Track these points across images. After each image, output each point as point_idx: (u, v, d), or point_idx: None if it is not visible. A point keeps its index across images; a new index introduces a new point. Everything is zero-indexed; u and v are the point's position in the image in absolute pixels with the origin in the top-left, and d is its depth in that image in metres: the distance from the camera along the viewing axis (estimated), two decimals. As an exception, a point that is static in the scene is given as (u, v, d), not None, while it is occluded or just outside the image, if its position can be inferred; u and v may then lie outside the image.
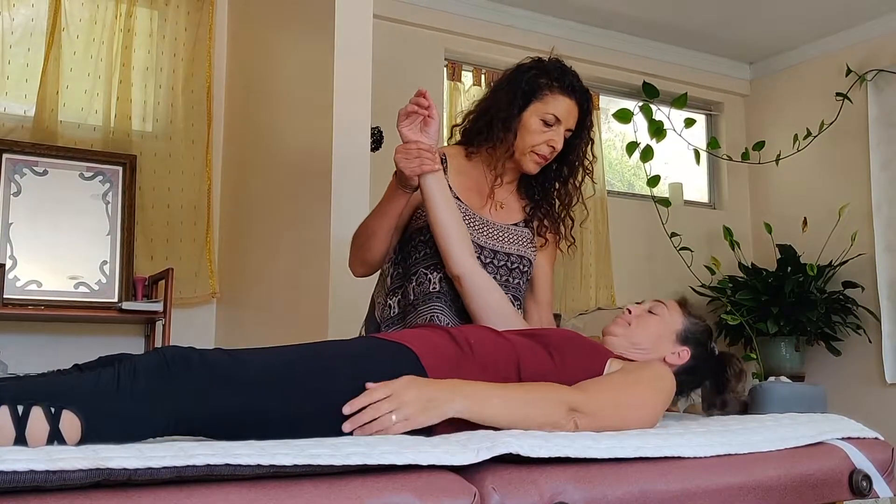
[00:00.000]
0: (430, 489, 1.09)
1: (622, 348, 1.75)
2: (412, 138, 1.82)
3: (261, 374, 1.29)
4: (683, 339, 1.78)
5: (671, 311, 1.81)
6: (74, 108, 3.58)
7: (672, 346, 1.76)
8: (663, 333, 1.77)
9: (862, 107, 4.74)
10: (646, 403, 1.53)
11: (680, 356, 1.76)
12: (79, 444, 1.12)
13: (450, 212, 1.86)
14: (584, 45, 4.76)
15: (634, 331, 1.78)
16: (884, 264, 4.59)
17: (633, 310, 1.83)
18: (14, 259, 3.30)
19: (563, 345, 1.60)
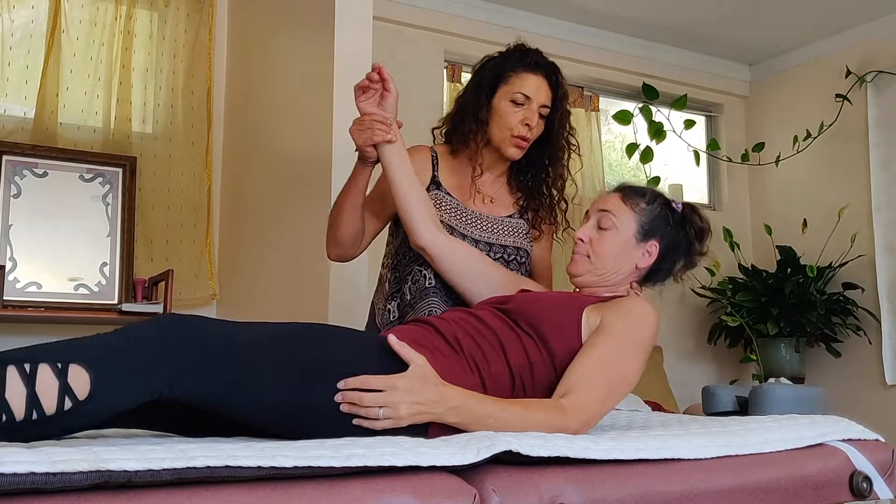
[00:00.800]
0: (430, 491, 1.09)
1: (592, 285, 1.72)
2: (368, 111, 1.83)
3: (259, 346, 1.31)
4: (644, 234, 1.72)
5: (620, 215, 1.72)
6: (74, 110, 3.58)
7: (638, 250, 1.71)
8: (624, 243, 1.71)
9: (862, 108, 4.74)
10: (628, 374, 1.52)
11: (650, 252, 1.72)
12: (89, 397, 1.13)
13: (409, 182, 1.84)
14: (584, 47, 4.76)
15: (597, 261, 1.71)
16: (884, 265, 4.59)
17: (585, 237, 1.73)
18: (14, 261, 3.30)
19: (537, 318, 1.56)
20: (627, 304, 1.61)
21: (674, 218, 1.74)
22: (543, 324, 1.55)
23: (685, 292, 4.90)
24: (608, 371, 1.49)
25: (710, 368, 5.05)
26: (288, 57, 3.42)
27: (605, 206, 1.74)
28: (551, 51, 5.24)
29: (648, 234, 1.71)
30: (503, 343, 1.53)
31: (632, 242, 1.71)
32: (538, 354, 1.54)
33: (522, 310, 1.59)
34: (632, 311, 1.59)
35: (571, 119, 2.16)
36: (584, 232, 1.74)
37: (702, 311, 4.97)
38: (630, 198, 1.74)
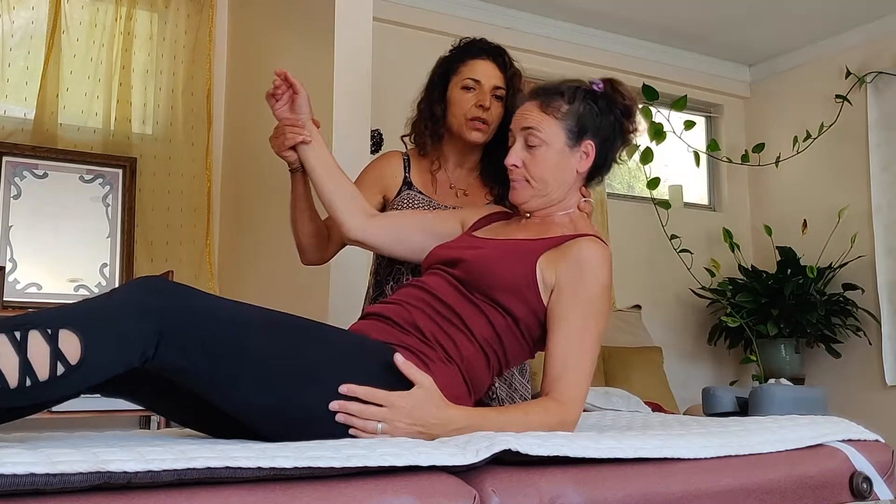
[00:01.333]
0: (429, 492, 1.09)
1: (541, 207, 1.65)
2: (282, 116, 1.83)
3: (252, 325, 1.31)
4: (575, 137, 1.62)
5: (545, 128, 1.61)
6: (74, 111, 3.58)
7: (574, 156, 1.63)
8: (558, 155, 1.62)
9: (861, 109, 4.74)
10: (601, 334, 1.53)
11: (587, 153, 1.64)
12: (80, 362, 1.13)
13: (332, 181, 1.80)
14: (584, 48, 4.76)
15: (538, 184, 1.63)
16: (884, 266, 4.60)
17: (517, 161, 1.63)
18: (14, 262, 3.30)
19: (492, 284, 1.52)
20: (578, 256, 1.54)
21: (599, 106, 1.64)
22: (499, 290, 1.52)
23: (685, 293, 4.90)
24: (585, 346, 1.49)
25: (711, 369, 5.05)
26: (288, 58, 3.42)
27: (527, 124, 1.62)
28: (551, 52, 5.28)
29: (579, 135, 1.62)
30: (465, 319, 1.51)
31: (565, 151, 1.62)
32: (503, 321, 1.52)
33: (475, 275, 1.54)
34: (584, 265, 1.53)
35: None
36: (514, 157, 1.63)
37: (702, 312, 4.97)
38: (549, 104, 1.62)
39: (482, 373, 1.53)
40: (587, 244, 1.56)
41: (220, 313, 1.28)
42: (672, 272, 4.83)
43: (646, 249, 4.88)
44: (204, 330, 1.24)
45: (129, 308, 1.20)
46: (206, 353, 1.24)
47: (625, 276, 4.80)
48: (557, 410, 1.43)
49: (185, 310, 1.23)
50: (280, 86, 1.79)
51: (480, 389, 1.56)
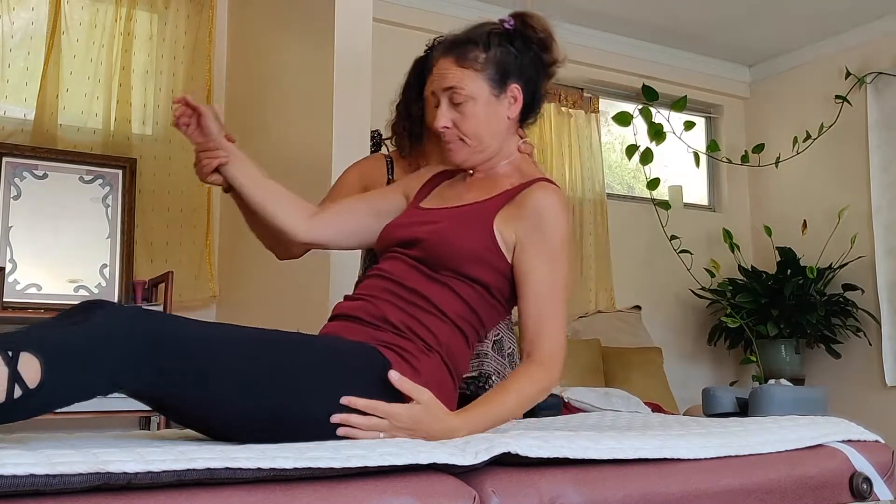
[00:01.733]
0: (429, 492, 1.09)
1: (481, 162, 1.60)
2: (196, 142, 1.81)
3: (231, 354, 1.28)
4: (499, 84, 1.56)
5: (466, 83, 1.54)
6: (74, 112, 3.58)
7: (502, 104, 1.57)
8: (486, 107, 1.56)
9: (861, 109, 4.74)
10: (566, 282, 1.51)
11: (515, 98, 1.58)
12: (39, 385, 1.11)
13: (262, 191, 1.72)
14: (584, 48, 4.76)
15: (472, 141, 1.57)
16: (883, 267, 4.60)
17: (447, 122, 1.57)
18: (14, 262, 3.30)
19: (453, 258, 1.49)
20: (535, 208, 1.51)
21: (516, 47, 1.58)
22: (462, 262, 1.48)
23: (685, 293, 4.90)
24: (556, 296, 1.48)
25: (710, 370, 5.05)
26: (288, 59, 3.42)
27: (448, 84, 1.55)
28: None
29: (503, 81, 1.56)
30: (433, 301, 1.47)
31: (492, 101, 1.56)
32: (472, 292, 1.49)
33: (435, 253, 1.50)
34: (542, 215, 1.50)
35: (572, 121, 2.18)
36: (443, 119, 1.56)
37: (702, 313, 4.97)
38: (466, 57, 1.55)
39: (461, 351, 1.50)
40: (540, 193, 1.53)
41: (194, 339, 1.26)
42: (672, 273, 4.83)
43: (646, 250, 4.88)
44: (181, 358, 1.22)
45: (99, 336, 1.17)
46: (186, 376, 1.22)
47: (625, 276, 4.80)
48: (543, 376, 1.43)
49: (158, 337, 1.21)
50: (182, 114, 1.72)
51: (462, 370, 1.54)
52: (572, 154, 4.69)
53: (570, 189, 4.66)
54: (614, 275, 4.74)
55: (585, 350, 4.02)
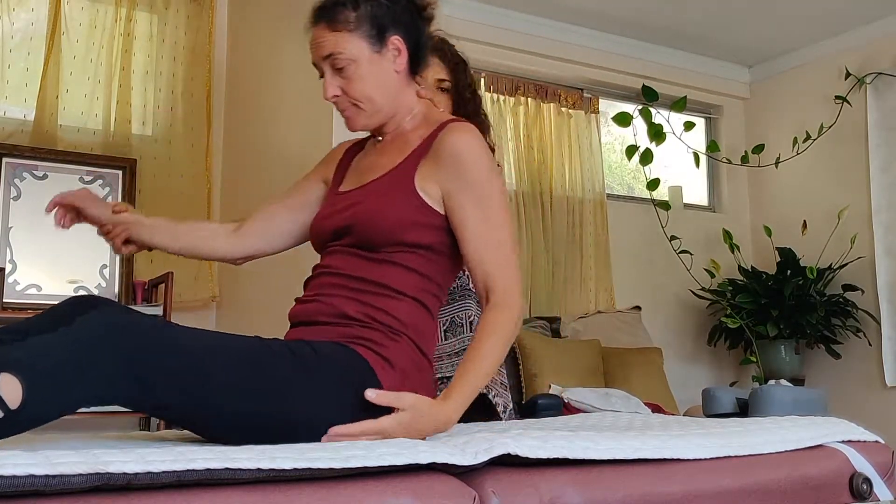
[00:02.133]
0: (429, 493, 1.09)
1: (381, 124, 1.56)
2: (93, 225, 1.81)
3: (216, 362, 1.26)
4: (378, 39, 1.50)
5: (343, 46, 1.48)
6: (74, 112, 3.58)
7: (386, 59, 1.51)
8: (370, 66, 1.50)
9: (861, 110, 4.74)
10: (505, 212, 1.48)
11: (398, 49, 1.52)
12: (21, 406, 1.10)
13: (174, 239, 1.72)
14: (584, 49, 4.76)
15: (366, 105, 1.52)
16: (883, 267, 4.60)
17: (336, 90, 1.52)
18: (14, 263, 3.30)
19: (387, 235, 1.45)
20: (451, 152, 1.47)
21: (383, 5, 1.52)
22: (398, 233, 1.44)
23: (685, 294, 4.90)
24: (495, 232, 1.45)
25: (710, 370, 5.05)
26: (288, 59, 3.42)
27: (325, 52, 1.50)
28: (551, 53, 5.26)
29: (380, 35, 1.50)
30: (384, 282, 1.44)
31: (375, 59, 1.50)
32: (419, 259, 1.46)
33: (368, 235, 1.46)
34: (459, 158, 1.46)
35: (572, 121, 2.19)
36: (330, 88, 1.51)
37: (702, 313, 4.97)
38: (337, 20, 1.49)
39: (427, 326, 1.47)
40: (452, 136, 1.48)
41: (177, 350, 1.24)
42: (672, 273, 4.83)
43: (645, 250, 4.88)
44: (165, 373, 1.21)
45: (82, 348, 1.16)
46: (172, 388, 1.21)
47: (625, 276, 4.80)
48: (506, 316, 1.41)
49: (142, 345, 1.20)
50: (62, 217, 1.72)
51: (432, 346, 1.51)
52: (572, 154, 4.69)
53: (570, 189, 4.66)
54: (614, 275, 4.74)
55: (585, 350, 4.02)
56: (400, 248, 1.45)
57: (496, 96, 4.51)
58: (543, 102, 4.65)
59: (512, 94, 4.55)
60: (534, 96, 4.62)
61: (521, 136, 4.56)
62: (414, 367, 1.42)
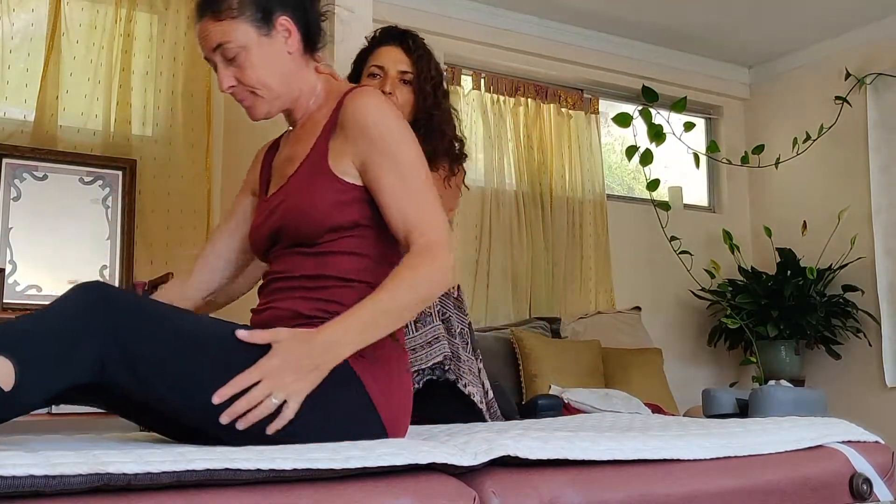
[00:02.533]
0: (429, 493, 1.09)
1: (283, 110, 1.52)
2: None
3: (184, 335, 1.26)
4: (264, 21, 1.46)
5: (230, 34, 1.45)
6: (74, 113, 3.58)
7: (276, 41, 1.47)
8: (260, 50, 1.46)
9: (861, 110, 4.74)
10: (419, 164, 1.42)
11: (288, 30, 1.48)
12: (15, 388, 1.11)
13: None
14: (584, 49, 4.76)
15: (263, 91, 1.49)
16: (883, 268, 4.60)
17: (231, 81, 1.49)
18: (14, 264, 3.30)
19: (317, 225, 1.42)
20: (353, 120, 1.43)
21: None
22: (326, 220, 1.41)
23: (685, 295, 4.90)
24: (414, 191, 1.39)
25: (710, 371, 5.05)
26: (288, 60, 3.42)
27: (213, 43, 1.47)
28: (550, 53, 5.26)
29: (266, 18, 1.46)
30: (331, 274, 1.42)
31: (265, 42, 1.46)
32: (357, 240, 1.43)
33: (297, 232, 1.43)
34: (360, 122, 1.42)
35: (572, 122, 2.18)
36: (224, 80, 1.48)
37: (702, 314, 4.97)
38: (219, 10, 1.46)
39: None
40: (352, 103, 1.44)
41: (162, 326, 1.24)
42: (672, 274, 4.83)
43: (645, 251, 4.88)
44: (149, 347, 1.21)
45: (67, 326, 1.17)
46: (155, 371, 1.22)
47: (625, 277, 4.80)
48: (425, 262, 1.33)
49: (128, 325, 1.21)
50: None
51: None
52: (572, 155, 4.69)
53: (570, 190, 4.66)
54: (614, 276, 4.74)
55: (585, 351, 4.02)
56: (334, 234, 1.42)
57: (496, 97, 4.51)
58: (543, 103, 4.65)
59: (512, 95, 4.55)
60: (534, 97, 4.62)
61: (521, 137, 4.56)
62: (383, 351, 1.38)
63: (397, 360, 1.43)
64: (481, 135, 4.43)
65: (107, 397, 1.32)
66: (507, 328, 4.08)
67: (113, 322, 1.20)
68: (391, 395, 1.37)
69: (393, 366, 1.40)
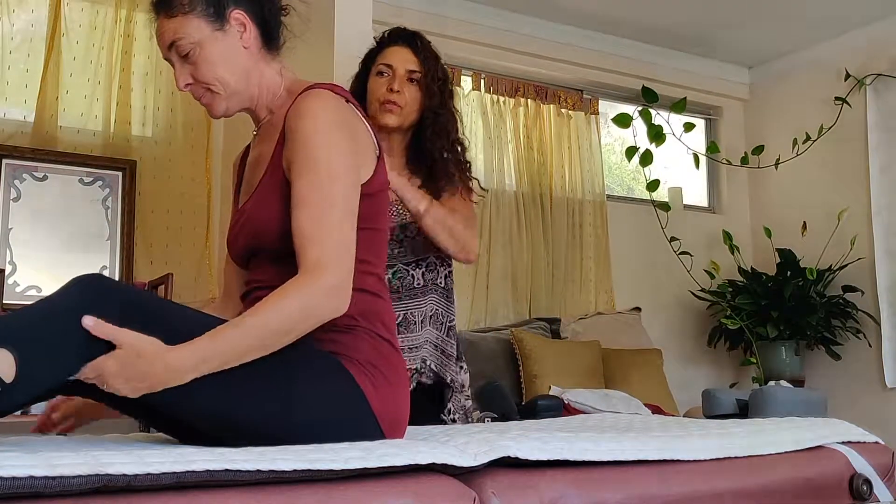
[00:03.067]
0: (429, 494, 1.09)
1: (242, 107, 1.48)
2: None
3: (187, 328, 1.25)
4: (216, 16, 1.43)
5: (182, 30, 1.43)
6: (74, 114, 3.58)
7: (230, 36, 1.44)
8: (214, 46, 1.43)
9: (861, 111, 4.74)
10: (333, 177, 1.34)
11: (242, 25, 1.45)
12: (16, 380, 1.11)
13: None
14: (584, 50, 4.76)
15: (219, 86, 1.45)
16: (883, 268, 4.59)
17: (187, 79, 1.46)
18: (14, 264, 3.30)
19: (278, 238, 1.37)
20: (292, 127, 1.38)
21: None
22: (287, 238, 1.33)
23: (685, 295, 4.90)
24: (315, 205, 1.31)
25: (710, 371, 5.04)
26: (287, 60, 3.42)
27: (167, 41, 1.46)
28: (550, 54, 5.26)
29: (219, 12, 1.43)
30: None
31: (218, 37, 1.43)
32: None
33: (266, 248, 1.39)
34: (295, 128, 1.37)
35: (572, 123, 2.21)
36: (181, 78, 1.45)
37: (701, 314, 4.96)
38: (171, 6, 1.45)
39: (375, 306, 1.41)
40: (294, 110, 1.39)
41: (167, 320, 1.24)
42: (672, 274, 4.83)
43: (645, 252, 4.88)
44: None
45: (66, 316, 1.18)
46: None
47: (624, 278, 4.80)
48: (302, 281, 1.26)
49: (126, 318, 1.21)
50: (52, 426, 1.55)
51: (389, 320, 1.45)
52: (572, 156, 4.69)
53: (570, 190, 4.66)
54: (614, 276, 4.74)
55: (585, 352, 4.02)
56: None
57: (496, 98, 4.51)
58: (543, 104, 4.65)
59: (512, 96, 4.55)
60: (534, 98, 4.62)
61: (521, 138, 4.56)
62: (377, 354, 1.38)
63: (394, 363, 1.42)
64: (481, 135, 4.43)
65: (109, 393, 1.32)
66: (506, 329, 4.08)
67: (111, 314, 1.20)
68: (388, 398, 1.36)
69: (390, 369, 1.40)
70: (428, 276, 2.12)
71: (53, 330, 1.17)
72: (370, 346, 1.37)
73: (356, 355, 1.35)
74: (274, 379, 1.28)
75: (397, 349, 1.45)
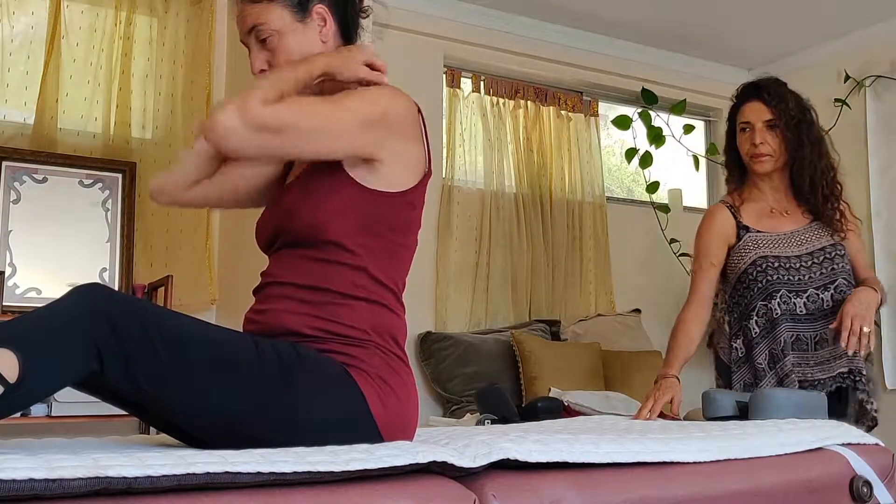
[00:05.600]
0: (429, 496, 1.09)
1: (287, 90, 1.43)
2: None
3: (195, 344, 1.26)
4: (300, 8, 1.45)
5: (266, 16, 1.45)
6: (74, 116, 3.58)
7: (311, 28, 1.46)
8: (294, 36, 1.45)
9: (860, 113, 4.74)
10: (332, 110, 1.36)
11: (323, 19, 1.47)
12: (20, 380, 1.12)
13: None
14: (583, 52, 4.76)
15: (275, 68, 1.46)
16: (883, 270, 4.59)
17: (262, 65, 1.50)
18: (13, 266, 3.30)
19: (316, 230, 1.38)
20: None
21: None
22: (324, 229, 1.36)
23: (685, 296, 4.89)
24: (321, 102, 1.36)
25: (710, 373, 5.03)
26: (287, 62, 3.42)
27: (248, 25, 1.49)
28: (550, 56, 5.26)
29: (303, 5, 1.45)
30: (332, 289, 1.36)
31: (299, 29, 1.45)
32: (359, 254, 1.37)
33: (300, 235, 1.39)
34: None
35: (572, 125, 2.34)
36: (256, 62, 1.49)
37: (702, 316, 4.96)
38: None
39: (389, 321, 1.40)
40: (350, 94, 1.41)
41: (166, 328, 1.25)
42: (672, 276, 4.82)
43: (645, 253, 4.88)
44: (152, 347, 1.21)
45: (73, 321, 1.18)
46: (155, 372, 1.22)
47: (624, 280, 4.80)
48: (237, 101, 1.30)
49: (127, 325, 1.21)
50: None
51: (402, 340, 1.43)
52: (571, 157, 4.69)
53: (569, 192, 4.66)
54: (614, 278, 4.74)
55: (585, 353, 4.02)
56: (335, 242, 1.36)
57: (496, 99, 4.51)
58: (543, 106, 4.65)
59: (511, 98, 4.56)
60: (533, 99, 4.62)
61: (521, 140, 4.56)
62: (388, 370, 1.36)
63: (404, 378, 1.40)
64: (481, 137, 4.43)
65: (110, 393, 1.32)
66: (506, 330, 4.08)
67: (113, 321, 1.21)
68: (394, 413, 1.35)
69: (399, 384, 1.38)
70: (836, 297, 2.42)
71: (59, 334, 1.18)
72: (381, 361, 1.36)
73: (367, 368, 1.34)
74: (277, 384, 1.28)
75: (407, 364, 1.43)
